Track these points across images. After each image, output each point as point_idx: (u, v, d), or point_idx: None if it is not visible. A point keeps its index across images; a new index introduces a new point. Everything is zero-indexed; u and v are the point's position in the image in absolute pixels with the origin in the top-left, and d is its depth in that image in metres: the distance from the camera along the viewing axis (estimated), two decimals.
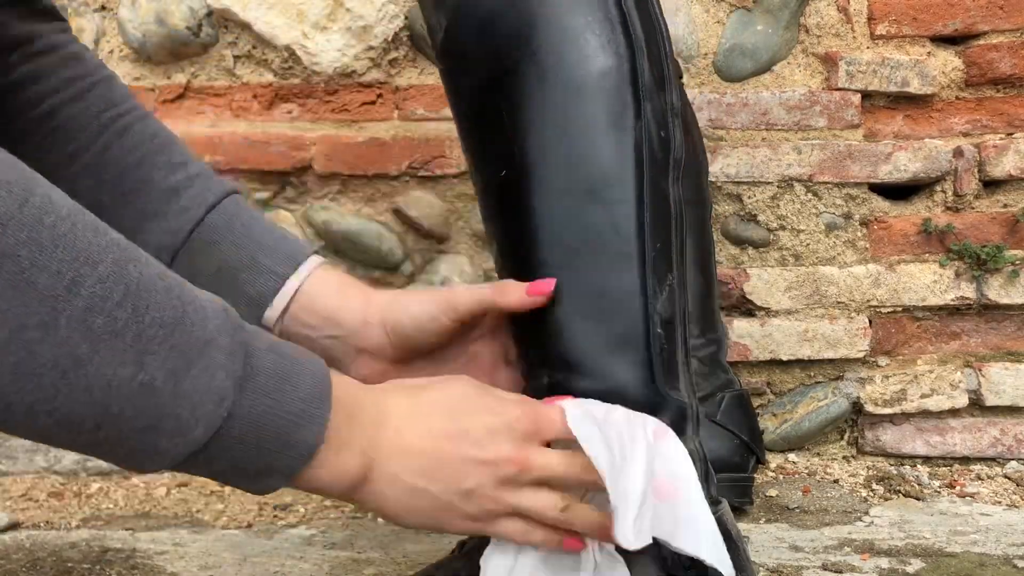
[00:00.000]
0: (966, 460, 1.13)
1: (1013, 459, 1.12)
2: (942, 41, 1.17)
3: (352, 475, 0.53)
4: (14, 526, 0.95)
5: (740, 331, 1.12)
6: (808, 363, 1.14)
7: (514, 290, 0.61)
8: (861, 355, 1.13)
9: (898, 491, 1.03)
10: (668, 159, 0.62)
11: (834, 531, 0.91)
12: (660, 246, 0.61)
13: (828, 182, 1.14)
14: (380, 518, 0.57)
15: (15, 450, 1.11)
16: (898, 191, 1.17)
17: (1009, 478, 1.07)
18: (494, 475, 0.55)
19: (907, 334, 1.15)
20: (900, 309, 1.14)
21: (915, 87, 1.15)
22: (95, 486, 1.07)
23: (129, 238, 0.65)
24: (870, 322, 1.14)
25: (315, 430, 0.51)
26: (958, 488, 1.05)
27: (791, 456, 1.14)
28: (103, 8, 1.14)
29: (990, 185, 1.15)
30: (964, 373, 1.13)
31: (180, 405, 0.46)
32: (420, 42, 1.14)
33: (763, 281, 1.13)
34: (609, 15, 0.61)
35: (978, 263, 1.12)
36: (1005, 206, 1.15)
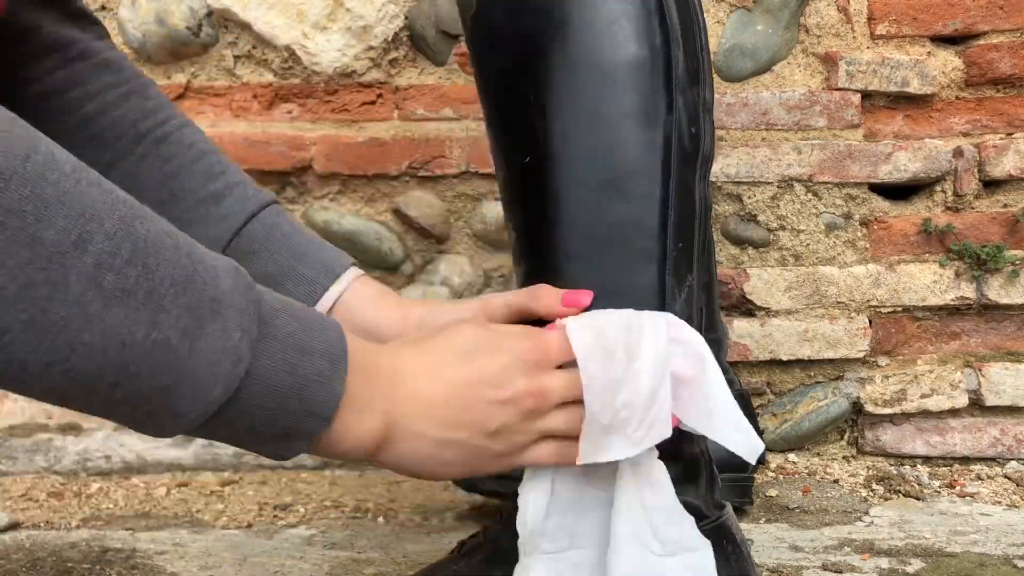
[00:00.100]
0: (966, 460, 1.13)
1: (1013, 459, 1.12)
2: (942, 41, 1.17)
3: (375, 436, 0.53)
4: (14, 526, 0.95)
5: (740, 331, 1.12)
6: (808, 363, 1.14)
7: (549, 296, 0.60)
8: (861, 355, 1.13)
9: (898, 491, 1.03)
10: (697, 155, 0.61)
11: (834, 531, 0.91)
12: (683, 245, 0.59)
13: (828, 182, 1.14)
14: (406, 475, 0.57)
15: (15, 450, 1.11)
16: (898, 191, 1.17)
17: (1009, 478, 1.07)
18: (517, 410, 0.55)
19: (907, 334, 1.15)
20: (900, 309, 1.14)
21: (915, 87, 1.15)
22: (95, 486, 1.07)
23: None
24: (870, 322, 1.14)
25: (335, 390, 0.50)
26: (958, 488, 1.05)
27: (791, 456, 1.14)
28: (103, 8, 1.14)
29: (990, 185, 1.15)
30: (964, 373, 1.13)
31: (196, 364, 0.45)
32: (420, 42, 1.14)
33: (763, 281, 1.13)
34: (647, 3, 0.59)
35: (978, 263, 1.12)
36: (1005, 206, 1.15)
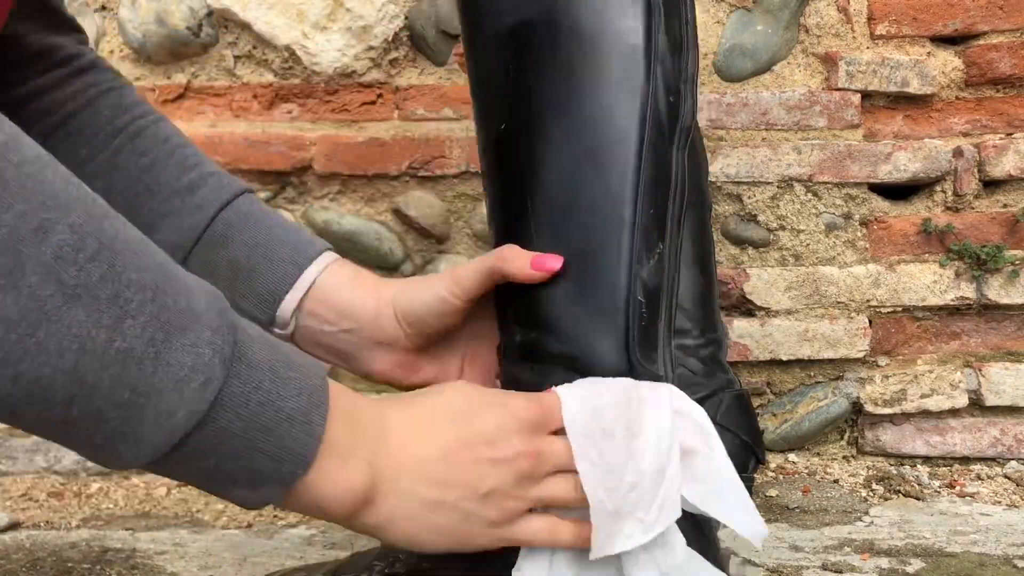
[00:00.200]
0: (966, 460, 1.13)
1: (1013, 459, 1.12)
2: (942, 41, 1.17)
3: (357, 490, 0.49)
4: (14, 526, 0.95)
5: (740, 331, 1.12)
6: (808, 363, 1.14)
7: (517, 258, 0.58)
8: (861, 355, 1.13)
9: (898, 491, 1.03)
10: (675, 126, 0.60)
11: (834, 531, 0.91)
12: (653, 212, 0.59)
13: (828, 182, 1.14)
14: (392, 543, 0.52)
15: (15, 450, 1.11)
16: (898, 191, 1.17)
17: (1009, 478, 1.07)
18: (511, 472, 0.52)
19: (907, 334, 1.15)
20: (900, 309, 1.14)
21: (915, 87, 1.15)
22: (95, 486, 1.07)
23: None
24: (870, 322, 1.14)
25: (314, 430, 0.46)
26: (958, 488, 1.05)
27: (791, 456, 1.14)
28: (103, 8, 1.14)
29: (990, 185, 1.15)
30: (964, 373, 1.13)
31: (162, 379, 0.41)
32: (420, 42, 1.14)
33: (763, 281, 1.13)
34: None
35: (978, 263, 1.12)
36: (1005, 206, 1.15)
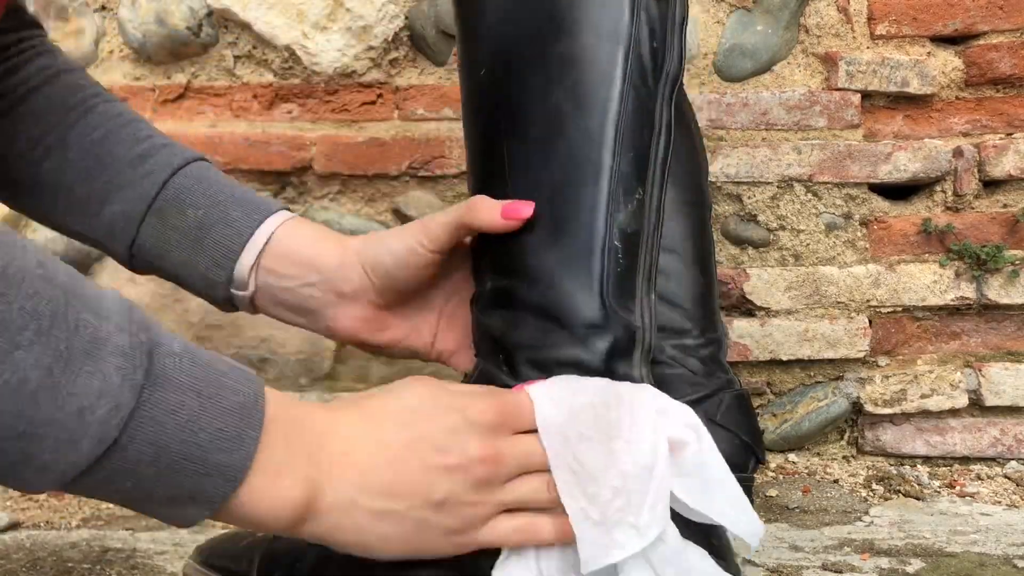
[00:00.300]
0: (966, 460, 1.13)
1: (1013, 459, 1.12)
2: (942, 41, 1.17)
3: (294, 505, 0.46)
4: (14, 526, 0.95)
5: (740, 331, 1.12)
6: (808, 363, 1.14)
7: (487, 208, 0.56)
8: (861, 355, 1.13)
9: (898, 491, 1.03)
10: (660, 72, 0.59)
11: (834, 531, 0.91)
12: (633, 156, 0.57)
13: (828, 182, 1.14)
14: (345, 551, 0.50)
15: None
16: (898, 191, 1.17)
17: (1009, 478, 1.07)
18: (466, 479, 0.49)
19: (907, 334, 1.15)
20: (900, 309, 1.14)
21: (915, 87, 1.15)
22: None
23: (95, 210, 0.65)
24: (870, 322, 1.14)
25: (241, 452, 0.44)
26: (958, 488, 1.05)
27: (791, 456, 1.14)
28: (103, 8, 1.14)
29: (990, 185, 1.15)
30: (964, 373, 1.13)
31: (62, 410, 0.39)
32: (420, 42, 1.14)
33: (763, 281, 1.13)
34: None
35: (978, 263, 1.12)
36: (1005, 206, 1.15)
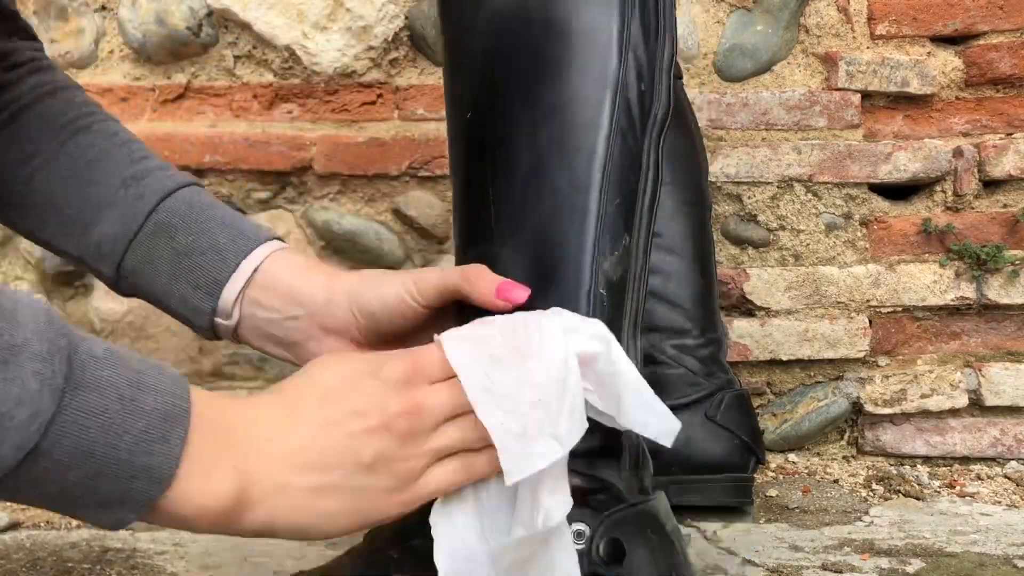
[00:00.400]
0: (966, 460, 1.13)
1: (1013, 459, 1.12)
2: (942, 41, 1.17)
3: (224, 500, 0.46)
4: (14, 526, 0.95)
5: (740, 331, 1.12)
6: (808, 363, 1.14)
7: (484, 283, 0.56)
8: (861, 355, 1.13)
9: (898, 491, 1.03)
10: (648, 115, 0.59)
11: (834, 531, 0.91)
12: (620, 203, 0.57)
13: (828, 182, 1.14)
14: (292, 539, 0.49)
15: None
16: (898, 191, 1.17)
17: (1009, 478, 1.07)
18: (391, 436, 0.49)
19: (907, 334, 1.15)
20: (900, 309, 1.14)
21: (915, 87, 1.15)
22: None
23: (84, 230, 0.64)
24: (870, 322, 1.14)
25: (167, 453, 0.44)
26: (958, 488, 1.05)
27: (791, 456, 1.14)
28: (103, 8, 1.14)
29: (990, 185, 1.15)
30: (964, 373, 1.13)
31: None
32: (420, 42, 1.14)
33: (763, 281, 1.13)
34: None
35: (978, 263, 1.12)
36: (1005, 206, 1.15)
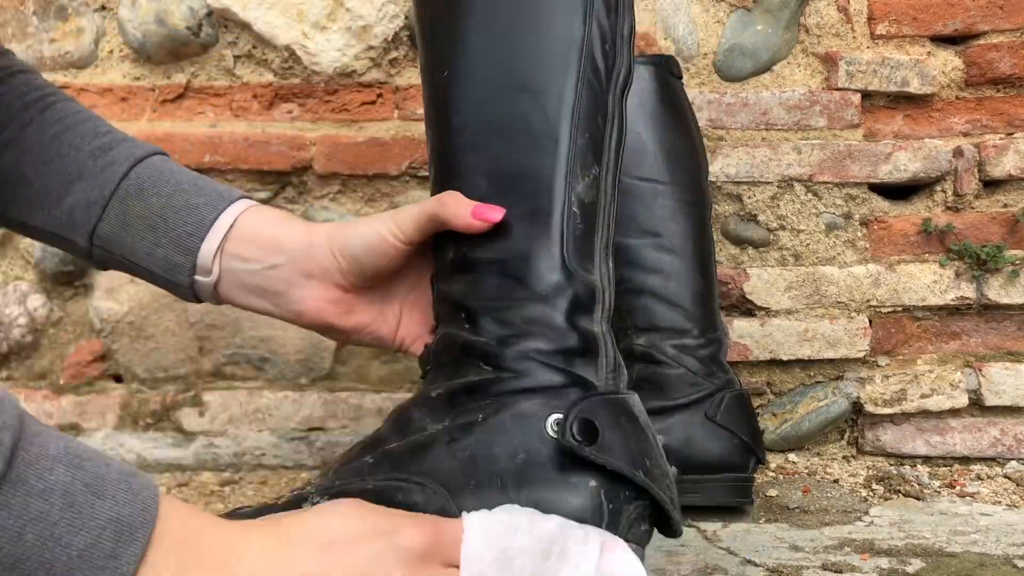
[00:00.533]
0: (966, 460, 1.13)
1: (1013, 459, 1.12)
2: (942, 41, 1.17)
3: None
4: None
5: (740, 331, 1.12)
6: (808, 363, 1.14)
7: (459, 205, 0.57)
8: (861, 355, 1.13)
9: (898, 491, 1.03)
10: (611, 71, 0.61)
11: (834, 531, 0.91)
12: (589, 137, 0.59)
13: (828, 182, 1.14)
14: None
15: None
16: (898, 191, 1.17)
17: (1009, 478, 1.07)
18: None
19: (907, 334, 1.15)
20: (900, 309, 1.14)
21: (915, 87, 1.15)
22: None
23: (55, 202, 0.65)
24: (870, 322, 1.14)
25: (118, 568, 0.39)
26: (958, 488, 1.05)
27: (791, 456, 1.14)
28: (103, 8, 1.14)
29: (990, 185, 1.15)
30: (964, 373, 1.13)
31: None
32: None
33: (763, 281, 1.13)
34: None
35: (978, 263, 1.12)
36: (1005, 206, 1.15)
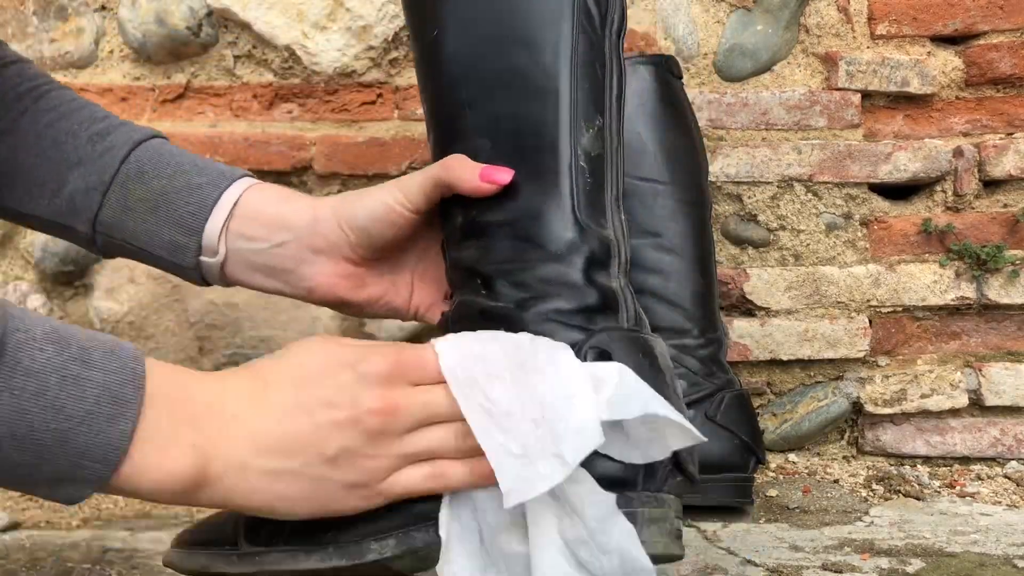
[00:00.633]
0: (966, 460, 1.13)
1: (1013, 459, 1.12)
2: (942, 41, 1.17)
3: (183, 475, 0.47)
4: (14, 526, 0.95)
5: (740, 331, 1.12)
6: (808, 363, 1.14)
7: (466, 169, 0.56)
8: (861, 355, 1.13)
9: (898, 491, 1.03)
10: (605, 17, 0.60)
11: (834, 531, 0.91)
12: (589, 87, 0.58)
13: (828, 182, 1.14)
14: (251, 515, 0.51)
15: None
16: (898, 191, 1.17)
17: (1009, 478, 1.07)
18: (360, 432, 0.48)
19: (907, 334, 1.15)
20: (900, 309, 1.14)
21: (915, 87, 1.15)
22: None
23: (55, 189, 0.65)
24: (870, 322, 1.14)
25: (116, 432, 0.44)
26: (958, 488, 1.05)
27: (791, 456, 1.14)
28: (103, 8, 1.14)
29: (990, 185, 1.15)
30: (964, 373, 1.13)
31: None
32: None
33: (763, 281, 1.13)
34: None
35: (978, 263, 1.12)
36: (1005, 206, 1.15)
